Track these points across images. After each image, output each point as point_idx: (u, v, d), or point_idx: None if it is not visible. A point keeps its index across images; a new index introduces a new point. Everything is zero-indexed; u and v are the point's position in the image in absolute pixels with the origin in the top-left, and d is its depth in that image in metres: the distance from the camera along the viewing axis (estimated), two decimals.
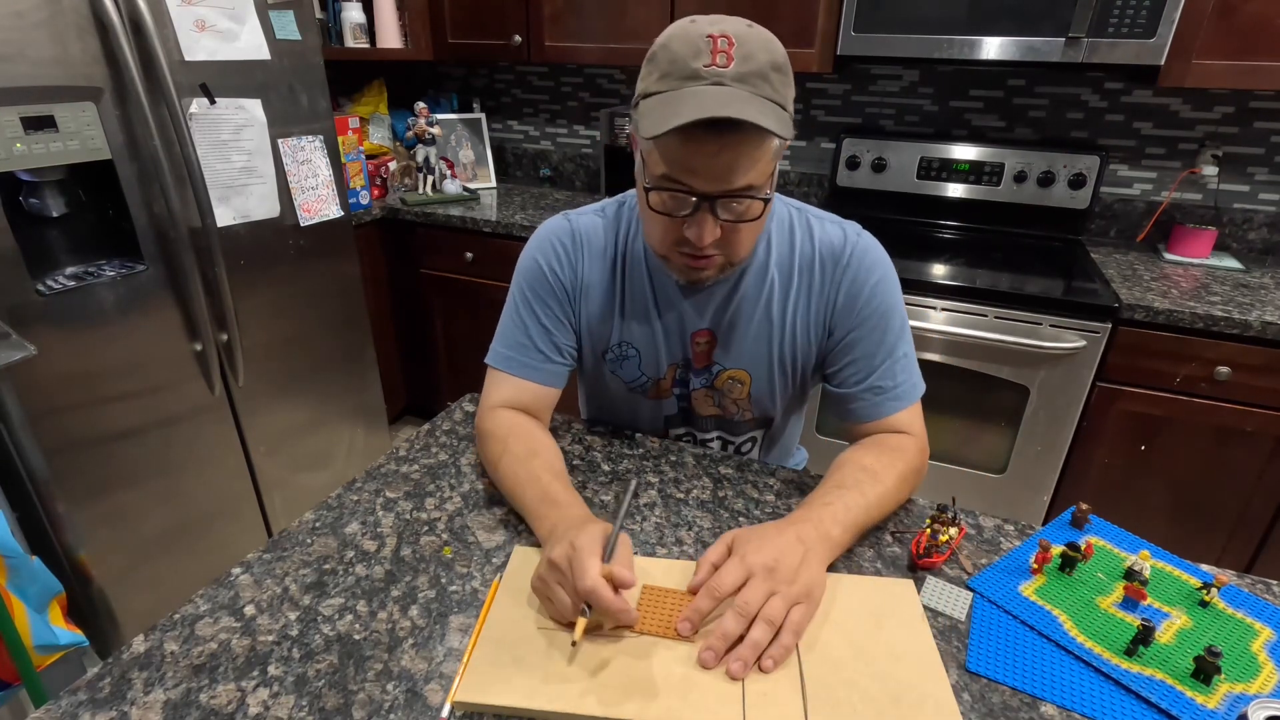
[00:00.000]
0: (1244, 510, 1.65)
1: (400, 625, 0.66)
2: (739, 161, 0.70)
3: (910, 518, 0.84)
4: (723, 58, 0.68)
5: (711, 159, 0.70)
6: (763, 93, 0.69)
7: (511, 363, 0.91)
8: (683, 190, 0.72)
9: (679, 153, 0.70)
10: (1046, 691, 0.61)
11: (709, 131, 0.67)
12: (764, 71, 0.69)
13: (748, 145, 0.69)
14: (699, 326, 0.92)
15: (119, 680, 0.60)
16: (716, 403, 0.98)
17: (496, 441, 0.84)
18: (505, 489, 0.82)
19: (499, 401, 0.90)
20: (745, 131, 0.68)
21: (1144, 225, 2.02)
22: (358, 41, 2.32)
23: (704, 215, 0.73)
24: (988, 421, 1.79)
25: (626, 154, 2.21)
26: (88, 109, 1.32)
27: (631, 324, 0.93)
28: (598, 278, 0.92)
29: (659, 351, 0.94)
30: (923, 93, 2.15)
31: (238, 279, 1.63)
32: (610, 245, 0.92)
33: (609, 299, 0.93)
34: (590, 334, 0.95)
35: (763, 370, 0.93)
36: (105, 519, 1.50)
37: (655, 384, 0.97)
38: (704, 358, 0.94)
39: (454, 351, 2.48)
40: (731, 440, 1.04)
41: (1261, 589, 0.74)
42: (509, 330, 0.93)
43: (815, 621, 0.67)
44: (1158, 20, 1.55)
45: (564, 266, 0.92)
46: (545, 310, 0.92)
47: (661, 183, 0.73)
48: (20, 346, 1.18)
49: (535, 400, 0.91)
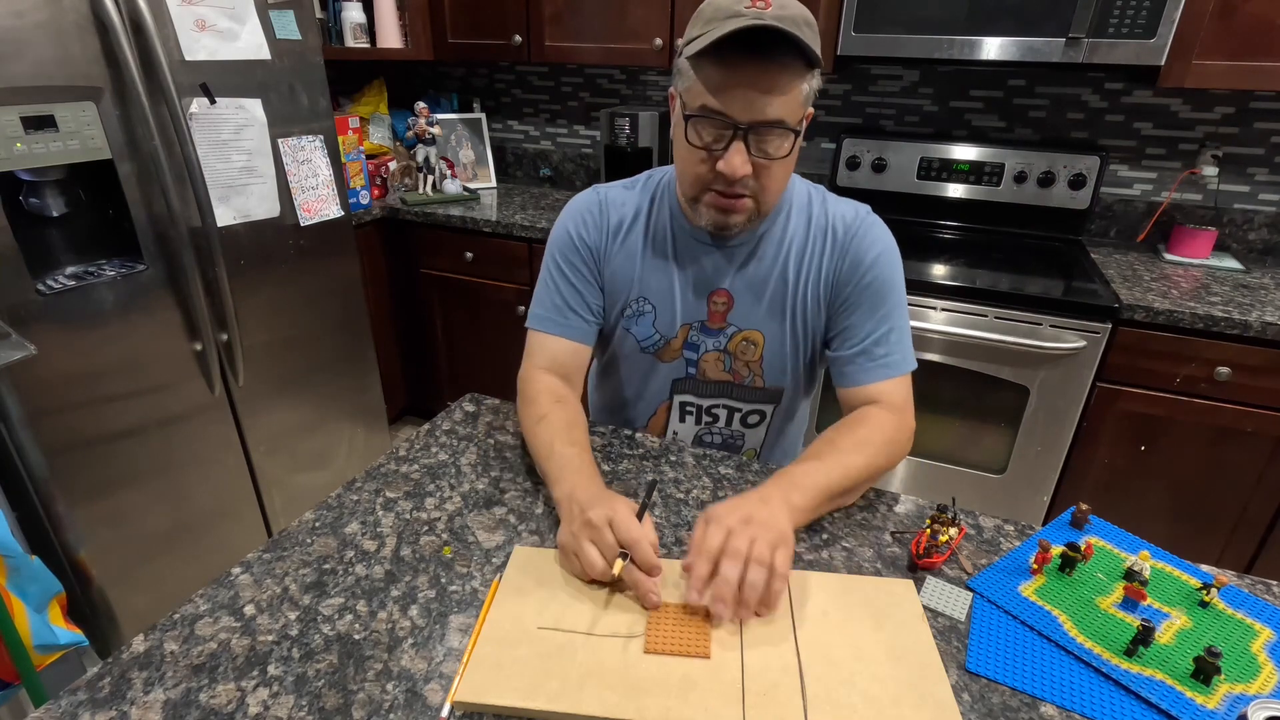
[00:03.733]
0: (1244, 510, 1.65)
1: (400, 625, 0.66)
2: (773, 89, 0.76)
3: (910, 518, 0.84)
4: (762, 3, 0.74)
5: (749, 81, 0.76)
6: (797, 33, 0.73)
7: (547, 323, 0.98)
8: (719, 117, 0.78)
9: (719, 76, 0.77)
10: (1046, 692, 0.61)
11: (747, 56, 0.74)
12: (798, 21, 0.74)
13: (784, 74, 0.76)
14: (718, 286, 0.96)
15: (119, 680, 0.60)
16: (727, 367, 1.01)
17: (536, 407, 0.91)
18: (534, 451, 0.88)
19: (539, 363, 0.98)
20: (781, 60, 0.75)
21: (1144, 225, 2.02)
22: (358, 41, 2.32)
23: (738, 145, 0.79)
24: (988, 421, 1.79)
25: (626, 154, 2.21)
26: (88, 109, 1.32)
27: (651, 281, 0.98)
28: (623, 242, 0.98)
29: (675, 309, 0.98)
30: (923, 93, 2.15)
31: (238, 279, 1.63)
32: (636, 207, 0.98)
33: (632, 257, 0.98)
34: (612, 290, 1.00)
35: (776, 332, 0.98)
36: (105, 519, 1.50)
37: (666, 344, 1.01)
38: (719, 318, 0.98)
39: (454, 351, 2.48)
40: (737, 408, 1.05)
41: (1261, 589, 0.74)
42: (543, 295, 0.99)
43: (815, 622, 0.67)
44: (1158, 20, 1.55)
45: (590, 232, 0.98)
46: (575, 273, 0.98)
47: (700, 112, 0.79)
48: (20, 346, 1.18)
49: (571, 358, 0.98)
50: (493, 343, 2.35)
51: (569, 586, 0.71)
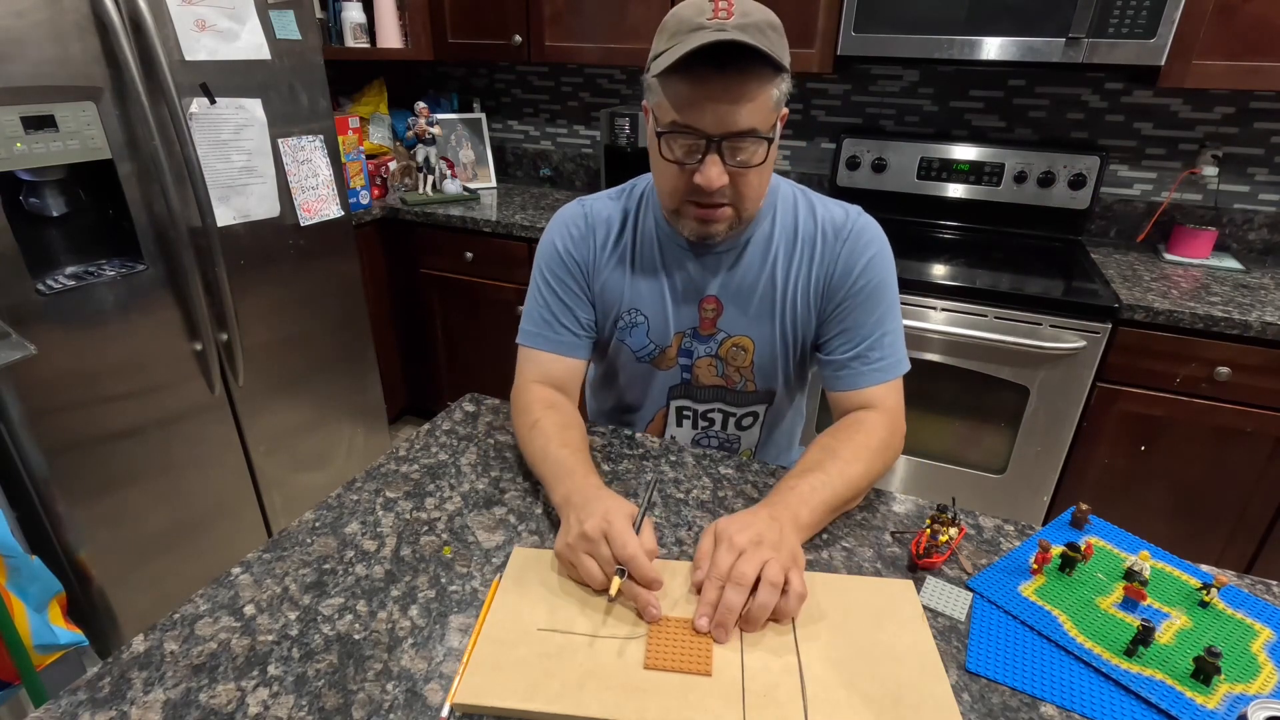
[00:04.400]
0: (1244, 510, 1.65)
1: (400, 625, 0.66)
2: (741, 99, 0.75)
3: (910, 518, 0.84)
4: (724, 13, 0.74)
5: (717, 94, 0.75)
6: (761, 41, 0.73)
7: (537, 339, 0.98)
8: (690, 132, 0.78)
9: (686, 91, 0.76)
10: (1046, 692, 0.61)
11: (712, 68, 0.74)
12: (762, 26, 0.74)
13: (750, 83, 0.75)
14: (706, 293, 0.96)
15: (119, 680, 0.60)
16: (720, 372, 1.01)
17: (529, 415, 0.91)
18: (529, 457, 0.88)
19: (531, 378, 0.97)
20: (746, 69, 0.74)
21: (1144, 226, 2.02)
22: (358, 41, 2.32)
23: (712, 158, 0.79)
24: (988, 422, 1.79)
25: (626, 154, 2.21)
26: (88, 108, 1.32)
27: (641, 292, 0.97)
28: (610, 250, 0.98)
29: (667, 318, 0.98)
30: (923, 93, 2.15)
31: (238, 279, 1.63)
32: (621, 219, 0.98)
33: (620, 269, 0.98)
34: (604, 303, 0.99)
35: (765, 337, 0.97)
36: (105, 519, 1.50)
37: (661, 352, 1.01)
38: (710, 324, 0.98)
39: (454, 351, 2.48)
40: (732, 413, 1.06)
41: (1261, 589, 0.74)
42: (533, 310, 0.99)
43: (815, 622, 0.67)
44: (1158, 21, 1.55)
45: (577, 245, 0.97)
46: (563, 288, 0.97)
47: (670, 128, 0.79)
48: (20, 346, 1.18)
49: (563, 372, 0.98)
50: (493, 343, 2.35)
51: (569, 588, 0.71)
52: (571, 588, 0.71)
